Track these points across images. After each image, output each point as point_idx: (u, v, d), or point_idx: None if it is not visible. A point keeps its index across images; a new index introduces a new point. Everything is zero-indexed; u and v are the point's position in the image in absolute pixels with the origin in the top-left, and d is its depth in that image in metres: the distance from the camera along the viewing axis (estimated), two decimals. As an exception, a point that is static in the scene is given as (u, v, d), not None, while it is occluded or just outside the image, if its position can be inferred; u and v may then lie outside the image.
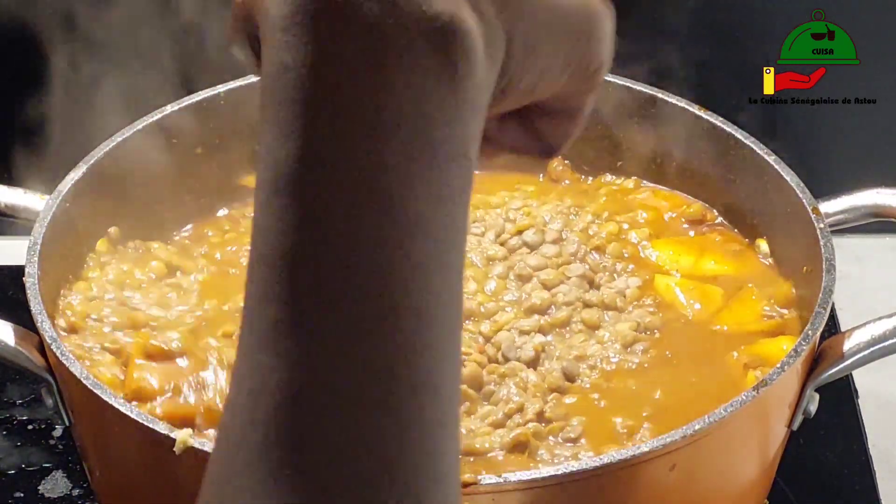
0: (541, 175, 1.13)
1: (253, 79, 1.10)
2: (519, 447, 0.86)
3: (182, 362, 0.91)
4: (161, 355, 0.92)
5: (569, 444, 0.87)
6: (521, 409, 0.88)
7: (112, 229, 1.03)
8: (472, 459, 0.85)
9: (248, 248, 0.52)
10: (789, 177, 1.00)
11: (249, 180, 1.11)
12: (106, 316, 0.97)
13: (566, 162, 1.13)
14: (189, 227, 1.08)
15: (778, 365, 0.85)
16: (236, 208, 1.10)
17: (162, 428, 0.81)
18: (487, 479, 0.78)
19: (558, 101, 0.61)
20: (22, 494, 1.06)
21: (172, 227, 1.07)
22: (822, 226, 0.96)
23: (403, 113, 0.50)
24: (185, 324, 0.96)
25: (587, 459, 0.81)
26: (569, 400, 0.90)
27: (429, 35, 0.50)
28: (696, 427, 0.81)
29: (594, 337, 0.95)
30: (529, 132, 0.62)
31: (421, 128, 0.50)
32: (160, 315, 0.97)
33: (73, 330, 0.95)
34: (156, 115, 1.06)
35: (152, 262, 1.03)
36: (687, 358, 0.94)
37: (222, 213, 1.10)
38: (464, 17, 0.51)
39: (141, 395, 0.89)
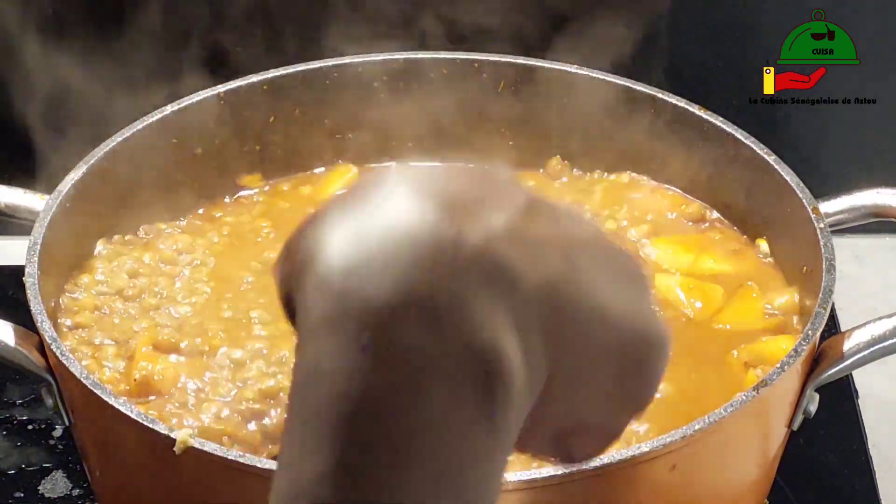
0: (541, 169, 1.13)
1: (253, 79, 1.10)
2: None
3: (189, 358, 0.92)
4: (170, 348, 0.92)
5: None
6: None
7: (116, 237, 1.04)
8: None
9: (263, 224, 0.49)
10: (789, 177, 1.00)
11: (249, 180, 1.11)
12: (117, 310, 0.97)
13: (565, 162, 1.13)
14: (200, 210, 1.09)
15: (778, 365, 0.85)
16: (244, 196, 1.11)
17: (162, 428, 0.81)
18: (487, 478, 0.78)
19: (594, 418, 0.55)
20: (22, 494, 1.06)
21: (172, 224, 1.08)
22: (822, 226, 0.96)
23: (434, 448, 0.47)
24: (198, 305, 0.97)
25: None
26: None
27: (470, 368, 0.47)
28: (696, 427, 0.81)
29: None
30: (555, 440, 0.56)
31: (451, 466, 0.47)
32: (173, 299, 0.98)
33: (79, 326, 0.95)
34: (156, 115, 1.06)
35: (161, 245, 1.03)
36: (688, 357, 0.94)
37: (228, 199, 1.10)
38: (506, 350, 0.48)
39: (146, 387, 0.89)
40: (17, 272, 0.93)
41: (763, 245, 1.03)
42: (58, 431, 1.10)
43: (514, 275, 0.48)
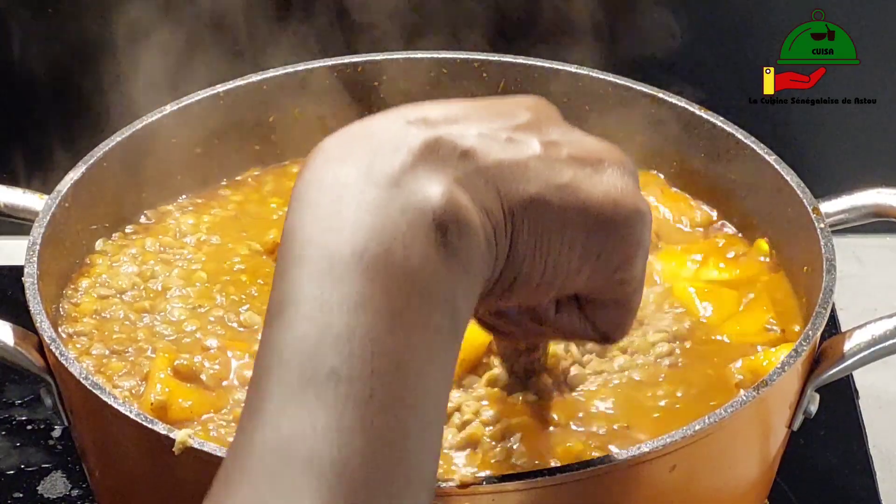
0: None
1: (252, 78, 1.10)
2: (471, 444, 0.86)
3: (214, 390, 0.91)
4: (189, 375, 0.91)
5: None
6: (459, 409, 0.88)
7: (116, 235, 1.04)
8: None
9: (273, 204, 0.58)
10: (789, 177, 1.00)
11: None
12: (117, 317, 0.97)
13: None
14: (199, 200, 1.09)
15: (778, 365, 0.85)
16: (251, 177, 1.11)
17: (161, 428, 0.81)
18: (487, 479, 0.78)
19: (599, 293, 0.68)
20: (21, 494, 1.06)
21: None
22: (822, 226, 0.96)
23: (408, 276, 0.58)
24: (192, 299, 0.97)
25: (587, 459, 0.81)
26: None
27: (432, 215, 0.59)
28: (696, 427, 0.81)
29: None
30: (584, 319, 0.70)
31: (420, 287, 0.58)
32: (168, 291, 0.98)
33: (80, 334, 0.95)
34: (155, 115, 1.06)
35: (164, 225, 1.04)
36: (688, 370, 0.94)
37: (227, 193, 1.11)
38: (461, 203, 0.60)
39: (164, 412, 0.88)
40: (16, 272, 0.93)
41: (763, 245, 1.03)
42: (57, 431, 1.10)
43: (463, 151, 0.61)
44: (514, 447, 0.85)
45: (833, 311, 1.16)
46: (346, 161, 0.60)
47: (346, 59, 1.13)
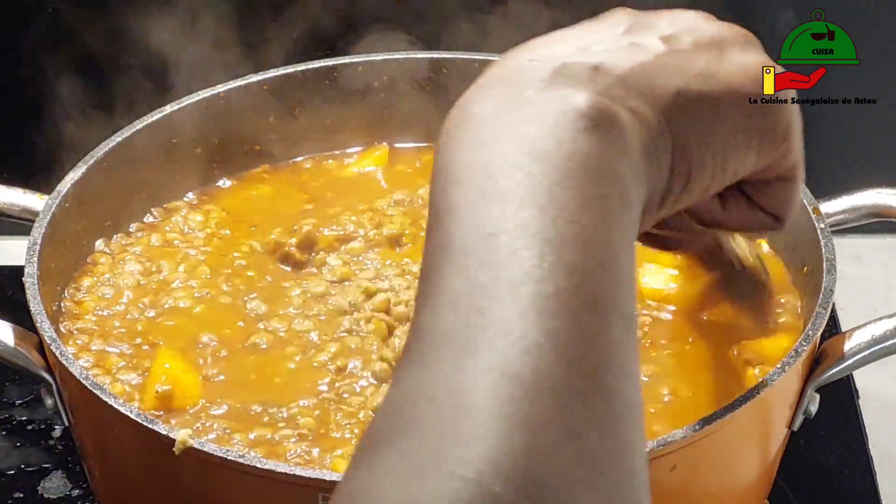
0: None
1: (253, 79, 1.10)
2: None
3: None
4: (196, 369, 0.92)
5: None
6: None
7: (118, 234, 1.04)
8: None
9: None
10: (789, 177, 1.00)
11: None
12: (120, 313, 0.97)
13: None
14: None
15: (778, 365, 0.85)
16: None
17: (161, 428, 0.81)
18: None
19: (765, 173, 0.68)
20: (21, 494, 1.06)
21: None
22: (822, 226, 0.96)
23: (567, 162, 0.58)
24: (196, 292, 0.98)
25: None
26: None
27: (579, 112, 0.59)
28: (697, 427, 0.81)
29: None
30: (752, 207, 0.71)
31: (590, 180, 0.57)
32: (168, 285, 0.99)
33: (81, 332, 0.95)
34: (155, 115, 1.06)
35: (171, 222, 1.05)
36: (683, 355, 0.94)
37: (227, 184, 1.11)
38: (608, 106, 0.60)
39: (169, 403, 0.89)
40: (16, 272, 0.93)
41: (763, 245, 1.03)
42: (57, 431, 1.10)
43: (593, 67, 0.62)
44: None
45: (833, 311, 1.16)
46: (486, 102, 0.61)
47: (346, 60, 1.13)
